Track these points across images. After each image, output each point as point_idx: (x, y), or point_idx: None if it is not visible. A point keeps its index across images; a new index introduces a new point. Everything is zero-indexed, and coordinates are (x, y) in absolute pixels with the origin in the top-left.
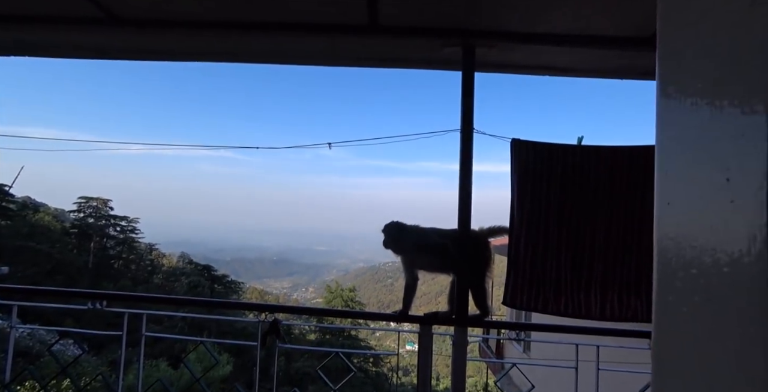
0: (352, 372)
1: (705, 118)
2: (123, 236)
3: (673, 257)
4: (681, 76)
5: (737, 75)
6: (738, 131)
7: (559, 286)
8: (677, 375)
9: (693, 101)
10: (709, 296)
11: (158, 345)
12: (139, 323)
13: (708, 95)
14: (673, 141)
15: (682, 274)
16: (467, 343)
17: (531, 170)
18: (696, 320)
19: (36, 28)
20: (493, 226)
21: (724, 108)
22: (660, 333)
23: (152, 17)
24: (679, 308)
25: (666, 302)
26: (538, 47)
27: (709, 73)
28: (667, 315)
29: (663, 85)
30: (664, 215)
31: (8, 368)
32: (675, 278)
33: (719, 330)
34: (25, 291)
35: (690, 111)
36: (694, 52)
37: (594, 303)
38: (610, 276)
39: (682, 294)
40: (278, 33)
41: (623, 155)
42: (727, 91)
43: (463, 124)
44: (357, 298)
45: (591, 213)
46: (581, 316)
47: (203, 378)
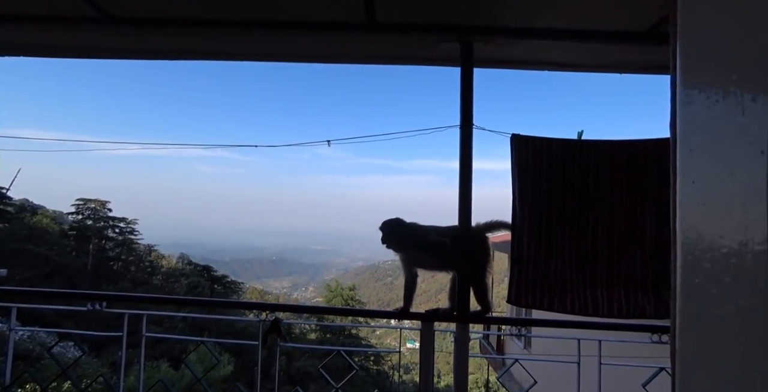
0: (354, 370)
1: (734, 91)
2: (122, 238)
3: (699, 237)
4: (704, 51)
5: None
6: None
7: (564, 284)
8: (703, 361)
9: (719, 75)
10: (741, 276)
11: (159, 346)
12: (140, 324)
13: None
14: (697, 117)
15: (710, 255)
16: (469, 339)
17: (531, 166)
18: (727, 302)
19: (29, 28)
20: (490, 221)
21: (754, 80)
22: (685, 318)
23: (148, 16)
24: (707, 290)
25: (692, 284)
26: (536, 42)
27: (735, 47)
28: (692, 299)
29: (685, 63)
30: (688, 194)
31: (8, 370)
32: (702, 259)
33: (752, 311)
34: (25, 293)
35: (716, 85)
36: (712, 48)
37: (601, 300)
38: (615, 273)
39: (711, 275)
40: (275, 31)
41: (624, 149)
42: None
43: (463, 120)
44: (357, 297)
45: (593, 208)
46: (588, 314)
47: (205, 378)
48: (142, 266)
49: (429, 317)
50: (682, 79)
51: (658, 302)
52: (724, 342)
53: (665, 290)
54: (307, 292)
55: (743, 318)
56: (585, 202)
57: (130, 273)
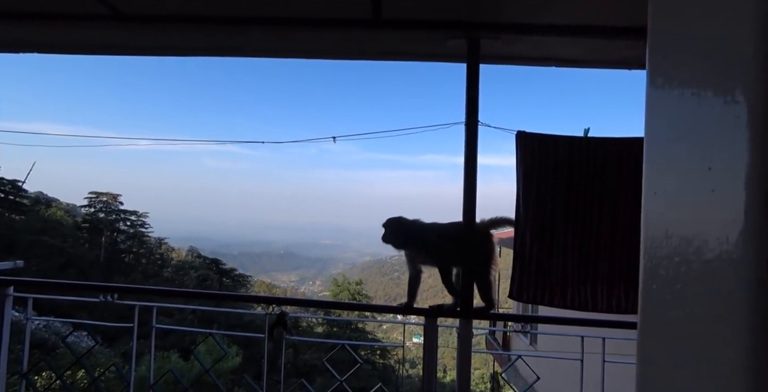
0: (358, 364)
1: (692, 107)
2: (133, 231)
3: (658, 245)
4: (669, 67)
5: (721, 66)
6: (720, 120)
7: (565, 279)
8: (662, 360)
9: (679, 92)
10: (690, 283)
11: (169, 337)
12: (150, 316)
13: (693, 86)
14: (660, 132)
15: (666, 262)
16: (472, 335)
17: (537, 163)
18: (679, 307)
19: (44, 25)
20: (494, 217)
21: (708, 98)
22: (645, 319)
23: (157, 13)
24: (663, 295)
25: (651, 289)
26: (543, 38)
27: (696, 64)
28: (651, 302)
29: (652, 76)
30: (651, 204)
31: (25, 358)
32: (659, 266)
33: (700, 316)
34: (40, 284)
35: (676, 101)
36: (682, 43)
37: (601, 296)
38: (617, 269)
39: (666, 281)
40: (282, 28)
41: (630, 146)
42: (711, 81)
43: (468, 116)
44: (364, 291)
45: (597, 206)
46: (588, 309)
47: (213, 369)
48: (153, 258)
49: (433, 312)
50: (648, 93)
51: None
52: (676, 344)
53: None
54: (315, 286)
55: (691, 323)
56: (590, 199)
57: (141, 265)
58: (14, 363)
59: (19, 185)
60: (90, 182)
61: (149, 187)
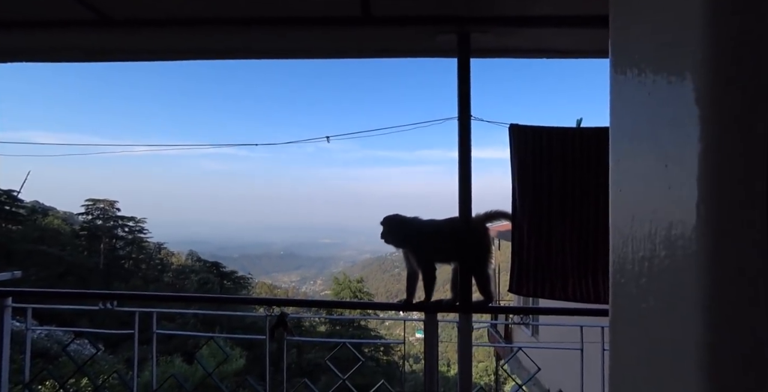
0: (360, 362)
1: (647, 103)
2: (131, 237)
3: (624, 241)
4: (628, 59)
5: (674, 56)
6: (674, 116)
7: (565, 271)
8: (630, 349)
9: (636, 86)
10: (653, 277)
11: (172, 342)
12: (151, 321)
13: (648, 79)
14: (622, 127)
15: (632, 257)
16: (472, 329)
17: (531, 155)
18: (644, 300)
19: (31, 33)
20: (489, 211)
21: (662, 93)
22: (616, 312)
23: (145, 17)
24: (630, 289)
25: (620, 283)
26: (534, 30)
27: (652, 55)
28: (620, 296)
29: (614, 68)
30: (616, 201)
31: (27, 368)
32: (626, 261)
33: (662, 308)
34: (39, 294)
35: (634, 96)
36: (638, 32)
37: (602, 287)
38: None
39: (632, 276)
40: (271, 28)
41: None
42: (664, 74)
43: (461, 111)
44: (365, 289)
45: (593, 195)
46: (590, 301)
47: (217, 372)
48: (153, 263)
49: (432, 308)
50: (611, 89)
51: None
52: (643, 335)
53: None
54: (316, 285)
55: (655, 316)
56: (585, 189)
57: (141, 271)
58: (16, 373)
59: (14, 194)
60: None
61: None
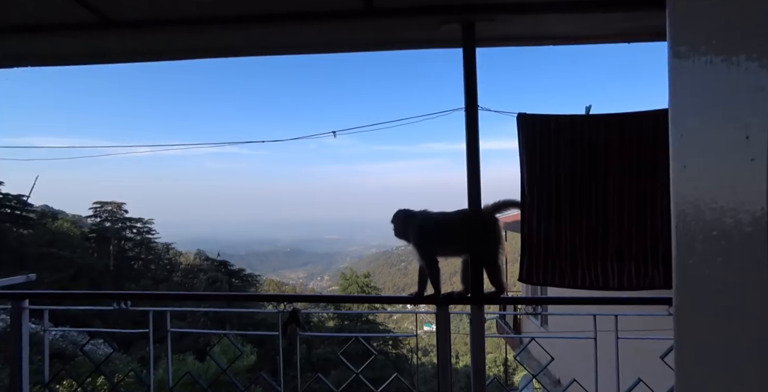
0: (373, 356)
1: (721, 75)
2: (140, 238)
3: (693, 220)
4: (694, 34)
5: (754, 29)
6: (757, 86)
7: (574, 259)
8: (700, 336)
9: (708, 59)
10: (731, 256)
11: (184, 341)
12: (164, 320)
13: (723, 52)
14: (688, 102)
15: (702, 236)
16: (484, 320)
17: (539, 144)
18: (719, 281)
19: (34, 38)
20: (498, 201)
21: (741, 64)
22: (682, 295)
23: (147, 17)
24: (700, 270)
25: (687, 265)
26: (539, 16)
27: (724, 30)
28: (688, 278)
29: (675, 45)
30: (680, 178)
31: (46, 368)
32: (695, 241)
33: (742, 290)
34: (55, 296)
35: (705, 70)
36: (706, 9)
37: (611, 273)
38: (626, 246)
39: (704, 256)
40: (274, 24)
41: (632, 122)
42: (744, 46)
43: (467, 102)
44: (372, 283)
45: (602, 183)
46: (599, 288)
47: (230, 369)
48: (162, 264)
49: (444, 300)
50: (672, 64)
51: (668, 272)
52: (715, 318)
53: None
54: (323, 281)
55: (732, 297)
56: (594, 177)
57: (150, 272)
58: (35, 373)
59: (24, 199)
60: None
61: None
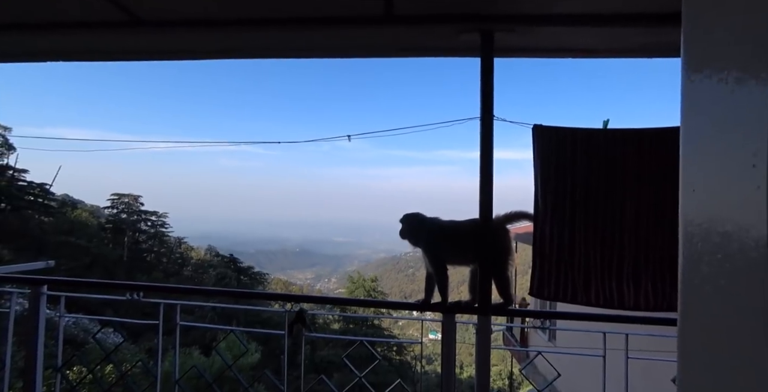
0: (377, 360)
1: (731, 101)
2: (154, 231)
3: (699, 242)
4: (706, 57)
5: (764, 54)
6: (765, 114)
7: (588, 275)
8: (703, 356)
9: (718, 84)
10: (735, 279)
11: (190, 334)
12: (173, 313)
13: (733, 77)
14: (698, 123)
15: (708, 258)
16: (491, 331)
17: (554, 156)
18: (722, 302)
19: (66, 34)
20: (510, 212)
21: (751, 89)
22: (686, 315)
23: (172, 18)
24: (704, 290)
25: (692, 285)
26: (558, 29)
27: (736, 53)
28: (692, 298)
29: (688, 67)
30: (689, 201)
31: (59, 354)
32: (701, 262)
33: (744, 312)
34: (72, 283)
35: (715, 94)
36: (721, 31)
37: (627, 292)
38: (642, 264)
39: (708, 277)
40: (294, 27)
41: (651, 137)
42: (754, 71)
43: (483, 111)
44: (379, 288)
45: (618, 198)
46: (613, 306)
47: (234, 365)
48: (173, 257)
49: (451, 309)
50: (684, 85)
51: None
52: (718, 339)
53: None
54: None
55: (734, 318)
56: (610, 192)
57: (162, 264)
58: (48, 357)
59: (47, 188)
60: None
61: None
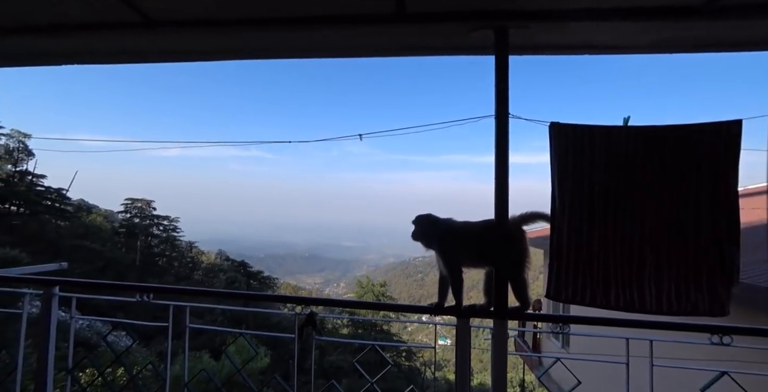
0: (389, 366)
1: None
2: (165, 235)
3: None
4: None
5: None
6: None
7: (607, 277)
8: None
9: None
10: None
11: (200, 338)
12: (183, 316)
13: None
14: None
15: None
16: (508, 336)
17: (572, 155)
18: None
19: (79, 36)
20: (525, 213)
21: None
22: None
23: (184, 18)
24: None
25: None
26: (576, 24)
27: None
28: None
29: None
30: None
31: (70, 356)
32: None
33: None
34: (83, 284)
35: None
36: None
37: (648, 295)
38: (665, 266)
39: None
40: (305, 27)
41: (676, 134)
42: None
43: (498, 109)
44: (388, 293)
45: (639, 198)
46: (634, 310)
47: (244, 369)
48: (184, 261)
49: (465, 313)
50: None
51: (713, 298)
52: None
53: (722, 287)
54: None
55: None
56: (630, 191)
57: (173, 268)
58: (60, 359)
59: (63, 193)
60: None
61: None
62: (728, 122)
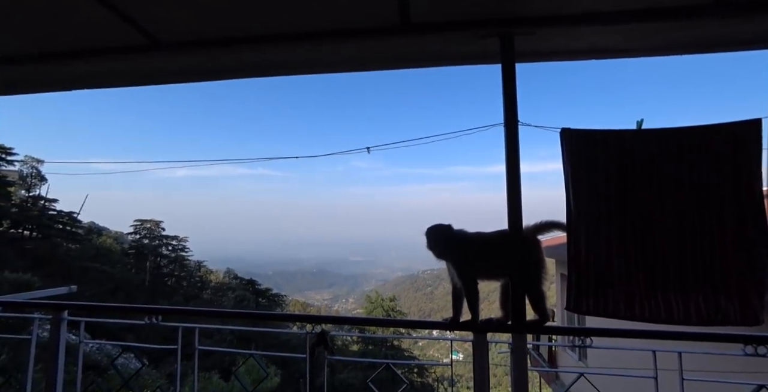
0: (405, 384)
1: None
2: (174, 255)
3: None
4: None
5: None
6: None
7: (630, 286)
8: None
9: None
10: None
11: (210, 359)
12: (192, 337)
13: None
14: None
15: None
16: (527, 351)
17: (585, 161)
18: None
19: (87, 61)
20: (540, 222)
21: None
22: None
23: (190, 39)
24: None
25: None
26: (583, 29)
27: None
28: None
29: None
30: None
31: (79, 380)
32: None
33: None
34: (91, 308)
35: None
36: None
37: (675, 304)
38: (691, 274)
39: None
40: (309, 42)
41: (694, 136)
42: None
43: (507, 117)
44: (398, 307)
45: (657, 203)
46: (661, 320)
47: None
48: (193, 281)
49: (483, 327)
50: None
51: (745, 306)
52: None
53: (753, 293)
54: (348, 304)
55: None
56: (648, 196)
57: (182, 288)
58: (69, 384)
59: (74, 216)
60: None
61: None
62: (747, 122)
